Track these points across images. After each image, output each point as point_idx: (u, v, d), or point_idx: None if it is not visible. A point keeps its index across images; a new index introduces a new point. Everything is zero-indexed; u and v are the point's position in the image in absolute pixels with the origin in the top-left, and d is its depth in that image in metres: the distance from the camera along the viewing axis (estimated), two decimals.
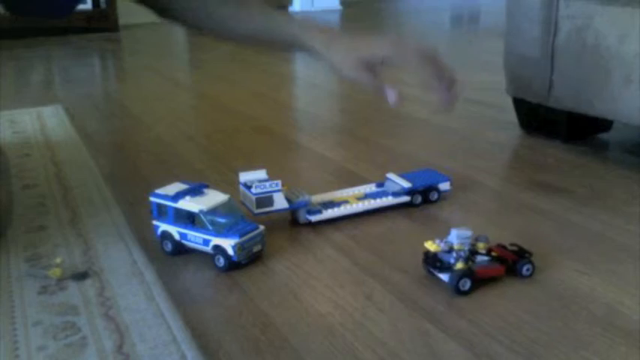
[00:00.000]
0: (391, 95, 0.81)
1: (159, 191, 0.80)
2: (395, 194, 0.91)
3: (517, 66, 1.21)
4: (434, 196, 0.93)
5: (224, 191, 0.80)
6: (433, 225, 0.86)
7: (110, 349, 0.59)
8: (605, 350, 0.58)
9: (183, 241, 0.77)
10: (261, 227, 0.77)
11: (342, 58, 0.84)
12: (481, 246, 0.72)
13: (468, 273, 0.68)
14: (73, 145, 1.27)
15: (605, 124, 1.24)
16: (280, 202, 0.85)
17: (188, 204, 0.76)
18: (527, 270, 0.71)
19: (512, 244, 0.74)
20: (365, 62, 0.82)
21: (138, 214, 0.91)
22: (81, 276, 0.73)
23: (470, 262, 0.69)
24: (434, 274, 0.71)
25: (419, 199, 0.92)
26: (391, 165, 1.10)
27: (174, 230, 0.78)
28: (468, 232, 0.71)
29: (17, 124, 1.44)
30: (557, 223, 0.85)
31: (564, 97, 1.12)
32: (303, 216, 0.86)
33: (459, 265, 0.68)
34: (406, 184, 0.91)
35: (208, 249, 0.75)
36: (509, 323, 0.62)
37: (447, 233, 0.72)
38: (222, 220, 0.76)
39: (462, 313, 0.64)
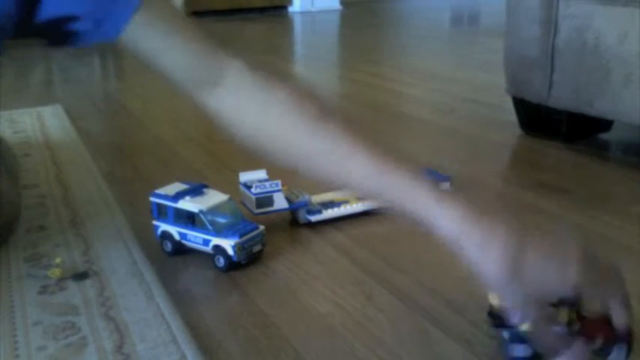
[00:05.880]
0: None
1: (159, 191, 0.80)
2: None
3: (517, 66, 1.21)
4: None
5: (224, 191, 0.80)
6: None
7: (110, 349, 0.59)
8: None
9: (183, 241, 0.77)
10: (261, 227, 0.77)
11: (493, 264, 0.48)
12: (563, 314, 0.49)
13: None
14: (73, 145, 1.27)
15: (605, 124, 1.24)
16: (280, 202, 0.85)
17: (188, 204, 0.76)
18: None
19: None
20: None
21: (138, 214, 0.91)
22: (81, 276, 0.73)
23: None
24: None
25: None
26: None
27: (174, 230, 0.78)
28: None
29: (17, 124, 1.44)
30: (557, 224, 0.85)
31: (564, 97, 1.12)
32: (303, 216, 0.86)
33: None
34: None
35: (208, 249, 0.75)
36: None
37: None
38: (222, 220, 0.76)
39: (462, 313, 0.64)
